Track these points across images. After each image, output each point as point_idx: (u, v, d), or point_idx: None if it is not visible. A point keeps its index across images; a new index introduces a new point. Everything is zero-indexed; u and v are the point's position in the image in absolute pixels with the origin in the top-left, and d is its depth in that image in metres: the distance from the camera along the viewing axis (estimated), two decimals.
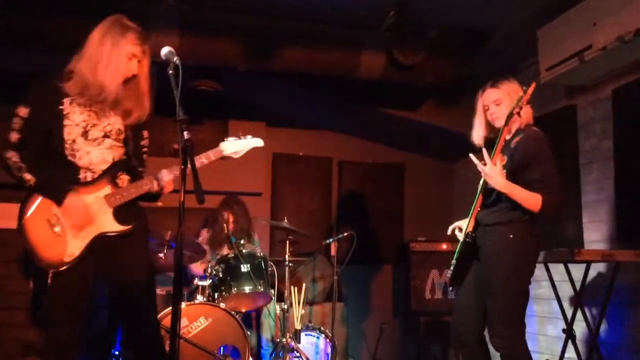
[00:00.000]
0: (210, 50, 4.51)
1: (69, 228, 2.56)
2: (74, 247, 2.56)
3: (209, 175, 3.07)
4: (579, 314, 3.96)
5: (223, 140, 2.93)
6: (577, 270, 3.95)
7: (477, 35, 4.83)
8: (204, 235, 5.06)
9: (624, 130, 4.14)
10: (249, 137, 2.95)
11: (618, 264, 3.83)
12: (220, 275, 4.18)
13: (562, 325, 4.07)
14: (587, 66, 4.02)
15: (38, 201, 2.58)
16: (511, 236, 2.92)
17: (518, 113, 2.92)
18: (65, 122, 2.61)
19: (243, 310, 4.35)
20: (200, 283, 4.23)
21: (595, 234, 4.35)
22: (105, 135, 2.68)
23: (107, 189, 2.64)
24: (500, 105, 3.05)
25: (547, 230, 4.73)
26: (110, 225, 2.62)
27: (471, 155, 2.96)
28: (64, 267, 2.54)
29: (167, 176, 2.72)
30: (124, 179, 2.72)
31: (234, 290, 4.10)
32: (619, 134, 4.19)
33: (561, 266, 4.02)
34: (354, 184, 6.33)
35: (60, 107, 2.61)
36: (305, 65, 4.78)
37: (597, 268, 3.92)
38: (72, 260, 2.54)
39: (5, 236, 5.32)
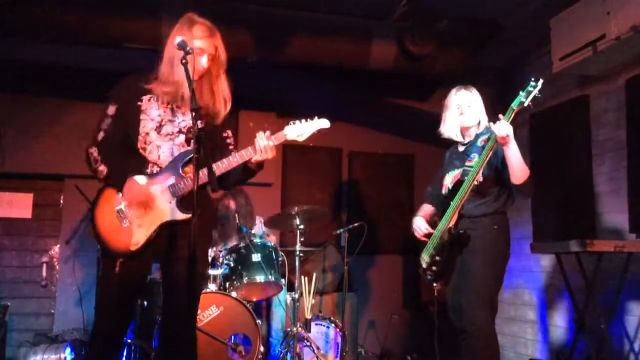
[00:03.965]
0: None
1: (135, 218, 2.64)
2: (140, 235, 2.62)
3: None
4: (590, 305, 3.95)
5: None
6: (589, 261, 3.94)
7: (488, 24, 4.79)
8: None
9: (637, 120, 4.11)
10: (315, 119, 2.88)
11: (630, 255, 3.82)
12: (232, 265, 4.21)
13: (574, 316, 4.07)
14: (601, 56, 3.99)
15: (108, 193, 2.68)
16: (495, 227, 3.16)
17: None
18: (142, 116, 2.70)
19: (254, 300, 4.39)
20: (212, 272, 4.26)
21: (607, 225, 4.33)
22: (180, 132, 2.73)
23: (171, 180, 2.66)
24: (471, 107, 3.32)
25: (560, 220, 4.72)
26: (173, 214, 2.64)
27: (495, 123, 2.99)
28: (131, 255, 2.61)
29: (263, 141, 2.66)
30: (188, 171, 2.67)
31: (245, 279, 4.13)
32: (632, 124, 4.15)
33: (573, 257, 4.01)
34: (364, 174, 6.32)
35: (139, 103, 2.70)
36: (315, 56, 4.76)
37: (609, 259, 3.90)
38: (138, 249, 2.61)
39: (18, 225, 5.38)
